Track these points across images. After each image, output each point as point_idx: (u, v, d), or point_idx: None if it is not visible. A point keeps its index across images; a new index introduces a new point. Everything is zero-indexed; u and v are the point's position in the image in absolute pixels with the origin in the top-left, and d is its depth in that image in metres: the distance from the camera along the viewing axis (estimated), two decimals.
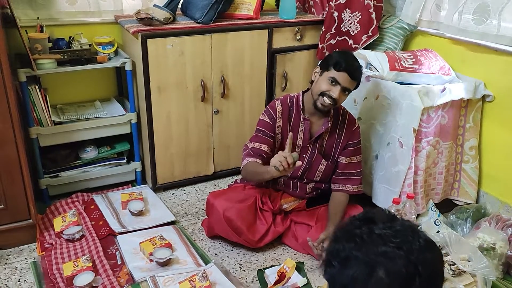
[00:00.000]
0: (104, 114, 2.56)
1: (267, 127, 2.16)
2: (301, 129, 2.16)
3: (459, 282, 1.76)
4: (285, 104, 2.19)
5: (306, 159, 2.20)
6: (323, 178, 2.26)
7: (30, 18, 2.46)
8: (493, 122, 2.39)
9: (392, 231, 0.96)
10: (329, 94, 2.02)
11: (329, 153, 2.21)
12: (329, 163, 2.22)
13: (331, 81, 2.02)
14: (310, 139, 2.17)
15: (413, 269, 0.91)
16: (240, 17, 2.64)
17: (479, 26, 2.27)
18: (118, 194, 2.57)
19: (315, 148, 2.19)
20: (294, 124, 2.17)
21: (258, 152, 2.13)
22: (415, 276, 0.91)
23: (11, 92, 1.94)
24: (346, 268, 0.94)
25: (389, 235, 0.95)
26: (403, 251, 0.92)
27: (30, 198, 2.13)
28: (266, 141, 2.15)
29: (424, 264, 0.92)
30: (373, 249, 0.93)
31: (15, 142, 2.02)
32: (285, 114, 2.17)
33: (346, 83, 2.01)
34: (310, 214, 2.25)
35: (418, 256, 0.92)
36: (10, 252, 2.17)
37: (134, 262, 2.08)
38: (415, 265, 0.91)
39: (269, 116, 2.18)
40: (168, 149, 2.62)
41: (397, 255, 0.92)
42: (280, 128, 2.18)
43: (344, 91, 2.04)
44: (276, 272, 2.00)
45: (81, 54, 2.42)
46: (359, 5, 2.69)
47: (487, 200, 2.45)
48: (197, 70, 2.53)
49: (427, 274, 0.92)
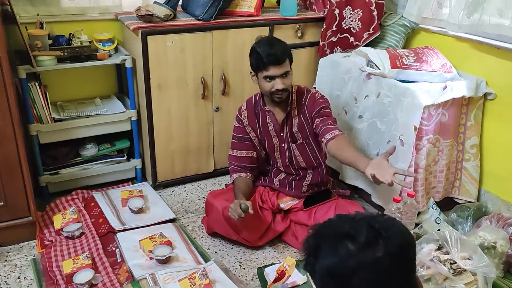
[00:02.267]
0: (104, 111, 2.55)
1: (239, 131, 2.27)
2: (269, 121, 2.21)
3: (460, 281, 1.76)
4: (250, 102, 2.26)
5: (285, 148, 2.24)
6: (307, 162, 2.24)
7: (30, 15, 2.46)
8: (494, 120, 2.38)
9: (359, 217, 1.01)
10: (275, 89, 2.05)
11: (303, 133, 2.20)
12: (302, 143, 2.21)
13: (267, 79, 2.05)
14: (281, 127, 2.19)
15: (376, 233, 0.93)
16: (241, 14, 2.64)
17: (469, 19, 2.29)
18: (118, 191, 2.57)
19: (288, 135, 2.21)
20: (262, 117, 2.22)
21: (241, 163, 2.25)
22: (378, 239, 0.93)
23: (11, 89, 1.94)
24: (318, 252, 0.97)
25: (354, 216, 1.01)
26: (366, 222, 0.96)
27: (30, 195, 2.13)
28: (243, 146, 2.26)
29: (388, 229, 0.94)
30: (339, 225, 0.99)
31: (15, 139, 2.02)
32: (250, 112, 2.24)
33: (279, 71, 2.03)
34: (308, 214, 2.25)
35: (382, 225, 0.96)
36: (10, 249, 2.17)
37: (134, 259, 2.07)
38: (378, 231, 0.94)
39: (238, 120, 2.27)
40: (168, 146, 2.62)
41: (360, 223, 0.96)
42: (250, 127, 2.24)
43: (284, 76, 2.05)
44: (276, 270, 2.00)
45: (81, 51, 2.42)
46: (361, 3, 2.68)
47: (488, 199, 2.44)
48: (198, 67, 2.52)
49: (393, 240, 0.93)
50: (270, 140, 2.24)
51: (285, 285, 1.94)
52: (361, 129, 2.45)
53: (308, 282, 1.99)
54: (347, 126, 2.54)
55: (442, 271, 1.76)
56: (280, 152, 2.25)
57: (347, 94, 2.52)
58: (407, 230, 1.02)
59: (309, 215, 2.24)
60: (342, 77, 2.55)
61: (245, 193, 2.15)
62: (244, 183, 2.21)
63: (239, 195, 2.11)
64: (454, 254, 1.82)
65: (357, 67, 2.46)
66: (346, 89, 2.53)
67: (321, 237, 0.99)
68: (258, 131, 2.24)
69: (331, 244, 0.95)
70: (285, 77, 2.05)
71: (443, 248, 1.88)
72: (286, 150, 2.24)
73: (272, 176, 2.33)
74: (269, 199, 2.28)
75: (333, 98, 2.58)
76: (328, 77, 2.66)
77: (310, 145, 2.22)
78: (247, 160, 2.26)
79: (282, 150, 2.25)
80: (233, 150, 2.28)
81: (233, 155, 2.28)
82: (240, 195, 2.11)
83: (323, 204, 2.25)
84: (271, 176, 2.33)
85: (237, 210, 1.97)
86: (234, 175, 2.26)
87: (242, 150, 2.26)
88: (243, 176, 2.24)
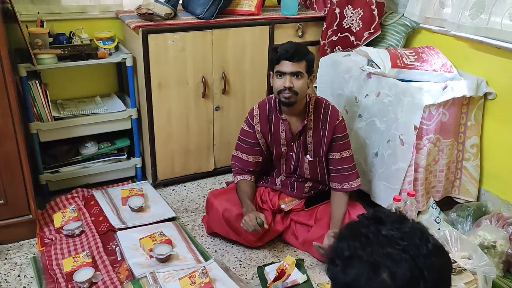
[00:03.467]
0: (104, 110, 2.55)
1: (247, 136, 2.21)
2: (282, 130, 2.16)
3: (460, 280, 1.76)
4: (263, 106, 2.20)
5: (293, 157, 2.21)
6: (312, 176, 2.24)
7: (31, 13, 2.46)
8: (495, 120, 2.38)
9: (399, 232, 0.93)
10: (283, 86, 2.02)
11: (317, 150, 2.18)
12: (315, 160, 2.20)
13: (278, 75, 2.04)
14: (293, 138, 2.17)
15: (418, 273, 0.88)
16: (242, 13, 2.63)
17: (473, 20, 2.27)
18: (118, 190, 2.57)
19: (299, 146, 2.18)
20: (275, 125, 2.18)
21: (246, 166, 2.23)
22: (419, 281, 0.88)
23: (11, 87, 1.94)
24: (349, 267, 0.92)
25: (396, 237, 0.92)
26: (409, 255, 0.89)
27: (30, 194, 2.13)
28: (250, 150, 2.21)
29: (430, 269, 0.89)
30: (378, 249, 0.91)
31: (15, 137, 2.01)
32: (263, 117, 2.19)
33: (290, 68, 2.00)
34: (309, 214, 2.25)
35: (425, 261, 0.89)
36: (10, 248, 2.17)
37: (134, 258, 2.07)
38: (421, 269, 0.89)
39: (248, 124, 2.21)
40: (168, 145, 2.62)
41: (402, 258, 0.89)
42: (260, 133, 2.20)
43: (295, 76, 2.02)
44: (276, 269, 2.00)
45: (82, 49, 2.42)
46: (361, 2, 2.68)
47: (488, 198, 2.45)
48: (198, 66, 2.52)
49: (433, 279, 0.90)
50: (279, 148, 2.20)
51: (285, 284, 1.94)
52: (360, 128, 2.45)
53: (308, 281, 2.00)
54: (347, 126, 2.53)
55: None
56: (286, 159, 2.24)
57: (348, 93, 2.52)
58: (449, 264, 0.97)
59: (310, 215, 2.24)
60: (343, 76, 2.55)
61: (250, 198, 2.16)
62: (249, 187, 2.21)
63: (246, 200, 2.11)
64: (454, 253, 1.82)
65: (357, 67, 2.46)
66: (346, 88, 2.53)
67: (355, 254, 0.92)
68: (268, 137, 2.20)
69: (366, 268, 0.90)
70: (296, 78, 2.01)
71: None
72: (294, 159, 2.21)
73: (274, 177, 2.32)
74: (270, 199, 2.27)
75: (333, 97, 2.58)
76: (328, 76, 2.66)
77: (320, 163, 2.22)
78: (253, 165, 2.24)
79: (289, 158, 2.22)
80: (238, 151, 2.25)
81: (238, 157, 2.25)
82: (247, 201, 2.11)
83: (324, 204, 2.25)
84: (273, 177, 2.32)
85: (254, 223, 1.98)
86: (238, 177, 2.23)
87: (249, 154, 2.22)
88: (247, 179, 2.23)
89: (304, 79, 2.04)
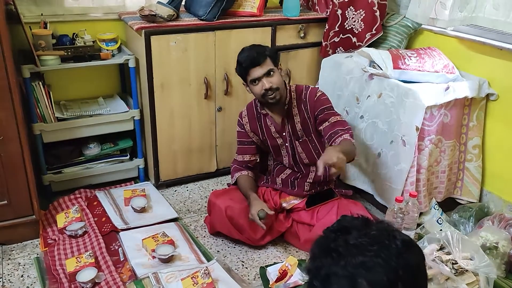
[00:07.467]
0: (107, 111, 2.56)
1: (242, 136, 2.31)
2: (270, 124, 2.23)
3: (462, 281, 1.76)
4: (250, 107, 2.28)
5: (289, 147, 2.25)
6: (311, 159, 2.25)
7: (34, 15, 2.47)
8: (497, 121, 2.38)
9: (367, 238, 0.93)
10: (263, 90, 2.06)
11: (307, 129, 2.22)
12: (305, 140, 2.22)
13: (254, 82, 2.08)
14: (282, 127, 2.21)
15: (394, 275, 0.89)
16: (244, 14, 2.64)
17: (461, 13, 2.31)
18: (121, 190, 2.58)
19: (290, 134, 2.23)
20: (263, 121, 2.24)
21: (243, 163, 2.30)
22: (397, 281, 0.89)
23: (15, 88, 1.95)
24: (328, 285, 0.92)
25: (366, 243, 0.92)
26: (381, 258, 0.90)
27: (33, 194, 2.14)
28: (247, 150, 2.30)
29: (404, 267, 0.90)
30: (351, 261, 0.90)
31: (18, 138, 2.02)
32: (251, 117, 2.26)
33: (261, 72, 2.05)
34: (310, 213, 2.25)
35: (398, 261, 0.90)
36: (13, 248, 2.18)
37: (136, 258, 2.08)
38: (395, 270, 0.90)
39: (239, 125, 2.30)
40: (171, 146, 2.62)
41: (375, 263, 0.90)
42: (252, 131, 2.28)
43: (268, 74, 2.06)
44: (278, 270, 2.00)
45: (85, 50, 2.43)
46: (363, 3, 2.68)
47: (490, 199, 2.44)
48: (201, 67, 2.53)
49: (409, 276, 0.91)
50: (273, 140, 2.26)
51: (287, 285, 1.95)
52: (362, 129, 2.46)
53: None
54: None
55: (444, 271, 1.76)
56: (286, 151, 2.27)
57: (349, 94, 2.53)
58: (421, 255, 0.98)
59: (312, 214, 2.24)
60: (345, 77, 2.55)
61: (253, 189, 2.21)
62: (249, 180, 2.26)
63: (248, 191, 2.16)
64: (456, 254, 1.83)
65: (359, 68, 2.47)
66: (348, 89, 2.53)
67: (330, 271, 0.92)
68: (260, 134, 2.27)
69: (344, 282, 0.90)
70: (270, 76, 2.07)
71: (445, 248, 1.88)
72: (290, 149, 2.25)
73: (274, 176, 2.34)
74: (271, 198, 2.28)
75: (335, 98, 2.58)
76: (330, 77, 2.67)
77: (313, 142, 2.23)
78: (250, 162, 2.31)
79: (286, 149, 2.27)
80: (237, 155, 2.32)
81: (237, 159, 2.32)
82: (249, 192, 2.16)
83: (325, 204, 2.25)
84: (273, 176, 2.34)
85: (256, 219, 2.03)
86: (236, 174, 2.28)
87: (247, 154, 2.29)
88: (245, 174, 2.27)
89: (277, 73, 2.10)
